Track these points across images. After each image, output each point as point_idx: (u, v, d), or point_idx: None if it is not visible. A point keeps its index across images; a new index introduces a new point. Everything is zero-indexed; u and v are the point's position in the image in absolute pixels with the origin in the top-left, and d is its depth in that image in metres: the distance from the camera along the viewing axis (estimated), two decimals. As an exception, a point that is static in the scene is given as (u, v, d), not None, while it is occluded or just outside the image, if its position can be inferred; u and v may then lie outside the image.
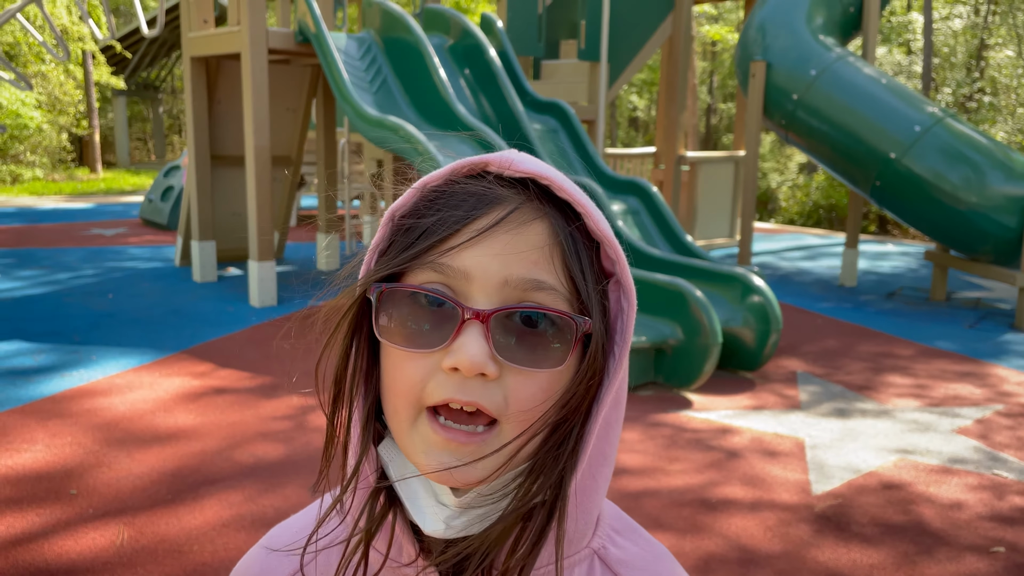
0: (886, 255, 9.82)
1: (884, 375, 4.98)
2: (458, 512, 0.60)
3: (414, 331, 0.57)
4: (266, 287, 6.33)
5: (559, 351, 0.58)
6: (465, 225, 0.58)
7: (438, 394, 0.57)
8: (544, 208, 0.60)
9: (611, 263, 0.62)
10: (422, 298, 0.57)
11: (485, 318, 0.56)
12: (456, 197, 0.59)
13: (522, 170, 0.60)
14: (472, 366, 0.55)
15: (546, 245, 0.58)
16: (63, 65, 17.57)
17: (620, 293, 0.63)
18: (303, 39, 6.18)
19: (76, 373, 4.63)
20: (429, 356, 0.57)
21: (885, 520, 3.11)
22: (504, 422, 0.57)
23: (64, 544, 2.81)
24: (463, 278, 0.57)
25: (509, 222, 0.58)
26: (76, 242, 9.23)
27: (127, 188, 16.42)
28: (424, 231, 0.58)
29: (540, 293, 0.58)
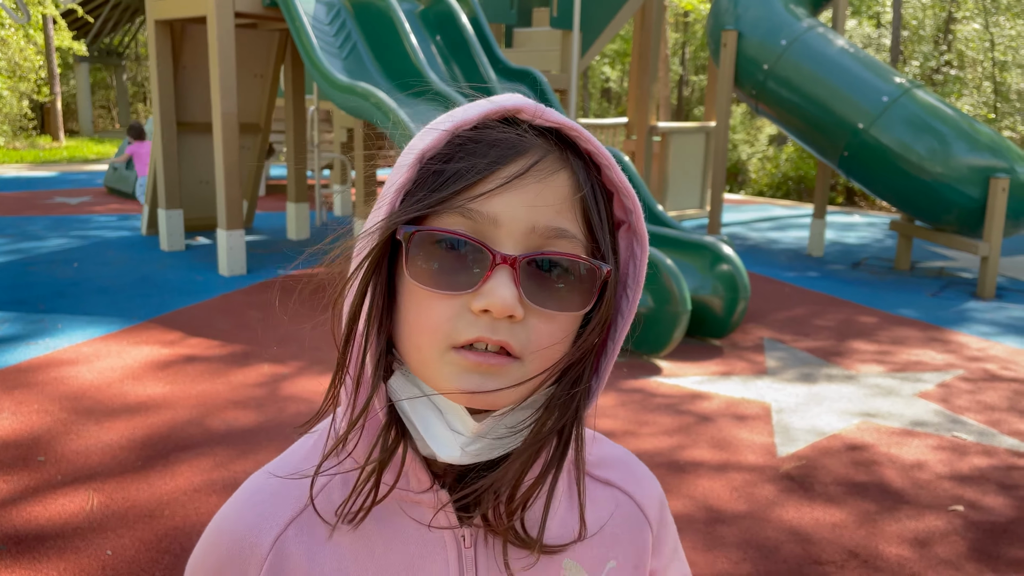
0: (853, 226, 9.96)
1: (849, 342, 5.08)
2: (472, 439, 0.62)
3: (444, 273, 0.59)
4: (235, 256, 6.27)
5: (581, 295, 0.61)
6: (493, 172, 0.59)
7: (468, 333, 0.59)
8: (568, 159, 0.62)
9: (625, 212, 0.66)
10: (452, 242, 0.59)
11: (515, 263, 0.59)
12: (485, 144, 0.61)
13: (552, 120, 0.62)
14: (504, 308, 0.58)
15: (569, 195, 0.61)
16: (23, 30, 17.08)
17: (633, 240, 0.67)
18: (270, 3, 6.07)
19: (42, 342, 4.56)
20: (457, 298, 0.59)
21: (848, 480, 3.20)
22: (526, 359, 0.60)
23: (33, 510, 2.79)
24: (491, 224, 0.59)
25: (536, 171, 0.60)
26: (39, 211, 9.05)
27: (90, 156, 16.09)
28: (453, 175, 0.60)
29: (563, 241, 0.61)
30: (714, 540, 2.72)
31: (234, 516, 0.71)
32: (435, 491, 0.66)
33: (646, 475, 0.80)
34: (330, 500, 0.68)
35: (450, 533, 0.68)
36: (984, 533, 2.83)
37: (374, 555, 0.68)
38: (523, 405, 0.63)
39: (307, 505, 0.68)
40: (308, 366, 4.31)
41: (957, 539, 2.78)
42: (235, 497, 0.73)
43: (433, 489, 0.66)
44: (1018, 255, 8.11)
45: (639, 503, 0.77)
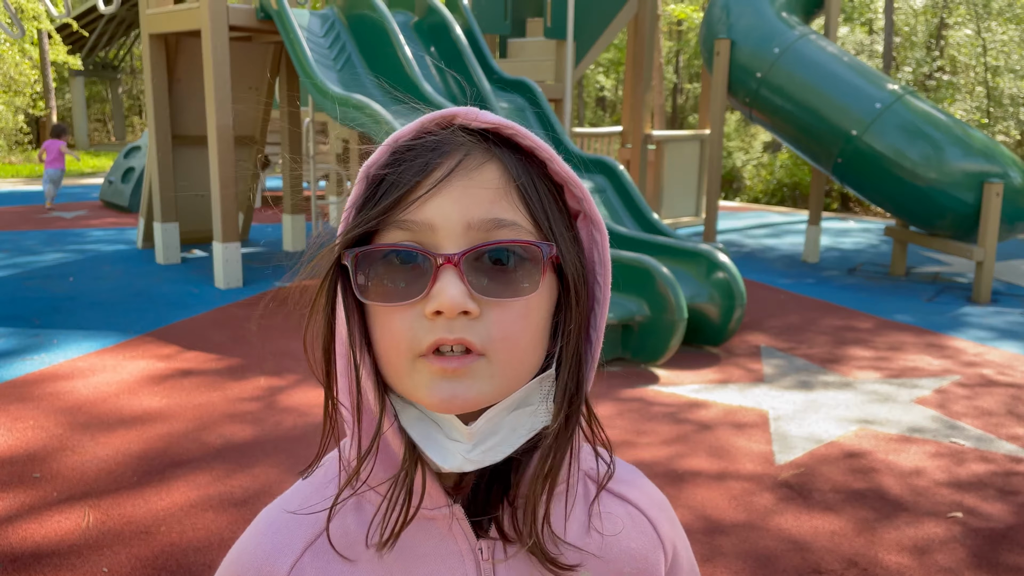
0: (847, 232, 9.98)
1: (845, 348, 5.08)
2: (471, 445, 0.63)
3: (392, 287, 0.61)
4: (231, 269, 6.26)
5: (529, 279, 0.62)
6: (422, 179, 0.61)
7: (427, 338, 0.60)
8: (494, 150, 0.63)
9: (577, 201, 0.67)
10: (394, 255, 0.61)
11: (456, 261, 0.59)
12: (416, 151, 0.62)
13: (487, 121, 0.63)
14: (453, 305, 0.58)
15: (501, 185, 0.62)
16: (18, 44, 17.10)
17: (590, 227, 0.67)
18: (265, 16, 6.08)
19: (37, 357, 4.55)
20: (411, 308, 0.60)
21: (846, 487, 3.19)
22: (489, 353, 0.60)
23: (29, 528, 2.78)
24: (428, 230, 0.60)
25: (462, 168, 0.61)
26: (35, 225, 9.04)
27: (86, 170, 16.09)
28: (389, 187, 0.61)
29: (503, 230, 0.61)
30: (713, 550, 2.71)
31: (252, 546, 0.72)
32: (449, 506, 0.67)
33: (657, 494, 0.81)
34: (344, 527, 0.69)
35: (468, 548, 0.68)
36: (984, 540, 2.82)
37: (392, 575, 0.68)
38: (513, 404, 0.64)
39: (322, 532, 0.69)
40: (305, 379, 4.30)
41: (957, 546, 2.78)
42: (250, 529, 0.74)
43: (447, 504, 0.67)
44: (1013, 259, 8.13)
45: (653, 522, 0.77)
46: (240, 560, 0.72)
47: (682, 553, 0.80)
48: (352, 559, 0.68)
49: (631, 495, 0.77)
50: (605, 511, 0.74)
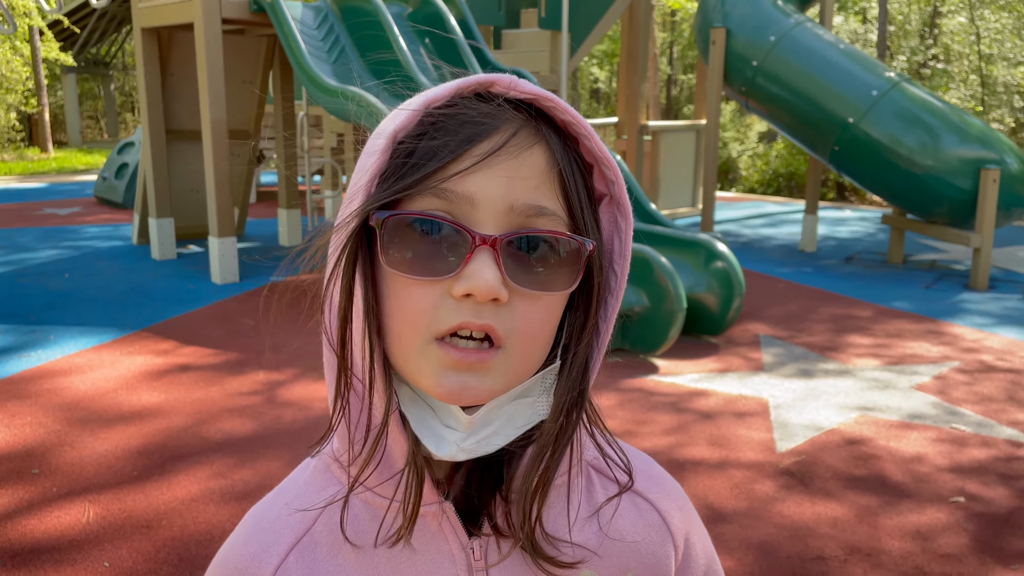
0: (844, 221, 9.98)
1: (844, 336, 5.08)
2: (465, 434, 0.60)
3: (422, 259, 0.57)
4: (227, 263, 6.24)
5: (566, 274, 0.59)
6: (468, 149, 0.57)
7: (451, 319, 0.57)
8: (543, 132, 0.60)
9: (606, 184, 0.64)
10: (428, 224, 0.57)
11: (495, 243, 0.56)
12: (457, 119, 0.58)
13: (527, 91, 0.59)
14: (487, 291, 0.55)
15: (546, 170, 0.59)
16: (9, 41, 16.99)
17: (616, 212, 0.64)
18: (257, 8, 6.04)
19: (34, 354, 4.53)
20: (438, 283, 0.57)
21: (847, 475, 3.19)
22: (508, 344, 0.58)
23: (29, 524, 2.76)
24: (468, 203, 0.57)
25: (511, 146, 0.58)
26: (29, 222, 8.99)
27: (79, 167, 16.01)
28: (426, 156, 0.57)
29: (543, 219, 0.58)
30: (716, 539, 2.71)
31: (238, 548, 0.70)
32: (439, 503, 0.63)
33: (669, 482, 0.76)
34: (332, 521, 0.65)
35: (459, 547, 0.65)
36: (986, 524, 2.82)
37: (379, 575, 0.65)
38: (517, 394, 0.61)
39: (308, 530, 0.66)
40: (303, 373, 4.28)
41: (959, 531, 2.78)
42: (239, 528, 0.72)
43: (437, 501, 0.63)
44: (1010, 246, 8.13)
45: (662, 512, 0.73)
46: (227, 561, 0.70)
47: (696, 545, 0.76)
48: (340, 553, 0.65)
49: (638, 484, 0.72)
50: (609, 503, 0.70)
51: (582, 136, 0.61)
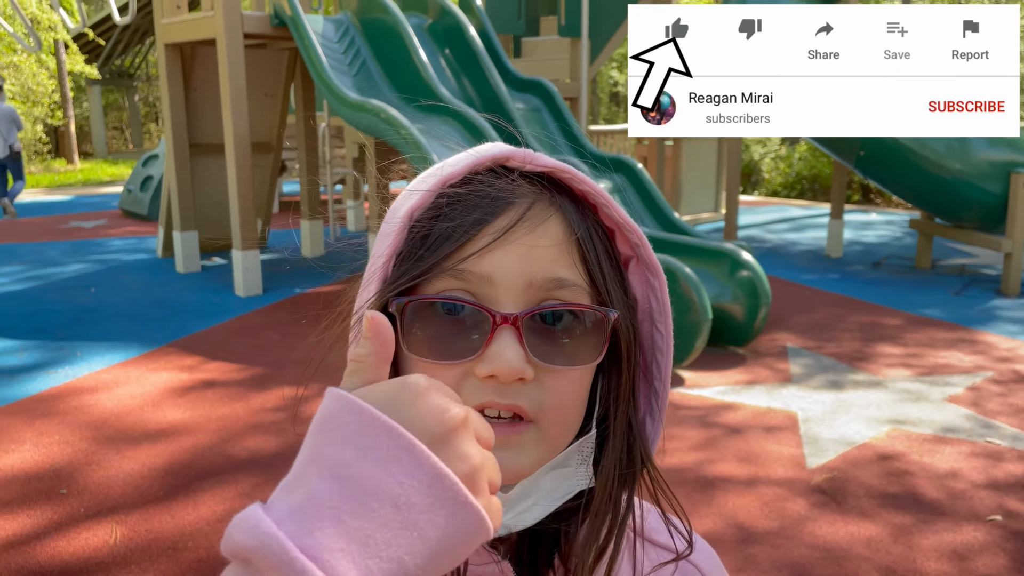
0: (871, 224, 9.85)
1: (874, 345, 5.00)
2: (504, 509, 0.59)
3: (443, 341, 0.56)
4: (251, 276, 6.27)
5: (591, 346, 0.58)
6: (483, 228, 0.57)
7: (474, 400, 0.56)
8: (558, 202, 0.60)
9: (631, 247, 0.63)
10: (448, 307, 0.57)
11: (516, 321, 0.56)
12: (472, 198, 0.58)
13: (543, 164, 0.59)
14: (511, 372, 0.55)
15: (564, 240, 0.59)
16: (35, 55, 17.25)
17: (646, 272, 0.64)
18: (279, 22, 6.07)
19: (61, 370, 4.56)
20: (459, 366, 0.56)
21: (881, 492, 3.13)
22: (539, 420, 0.57)
23: (57, 545, 2.77)
24: (486, 283, 0.56)
25: (527, 220, 0.57)
26: (56, 236, 9.10)
27: (105, 178, 16.20)
28: (441, 237, 0.57)
29: (563, 291, 0.58)
30: (746, 560, 2.66)
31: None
32: (497, 562, 0.63)
33: (709, 549, 0.76)
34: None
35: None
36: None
37: None
38: (553, 465, 0.60)
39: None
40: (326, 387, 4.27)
41: (997, 551, 2.71)
42: None
43: (495, 560, 0.63)
44: (1041, 249, 7.97)
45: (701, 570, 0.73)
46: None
47: None
48: None
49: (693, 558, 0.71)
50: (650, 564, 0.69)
51: (600, 204, 0.61)
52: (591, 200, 0.61)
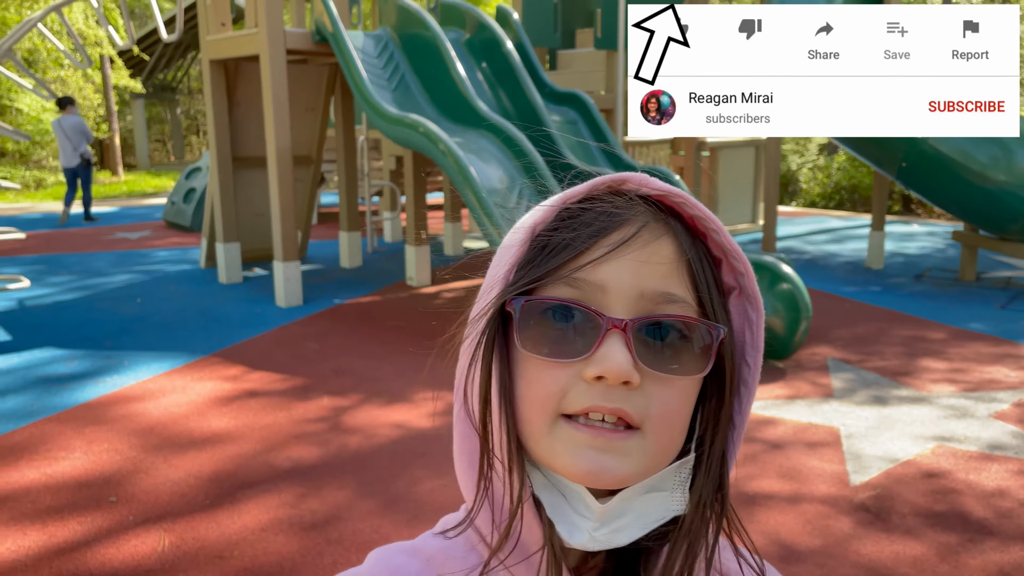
0: (912, 236, 9.70)
1: (918, 360, 4.92)
2: (598, 524, 0.60)
3: (556, 342, 0.59)
4: (291, 287, 6.36)
5: (697, 359, 0.60)
6: (599, 240, 0.60)
7: (580, 402, 0.58)
8: (671, 225, 0.62)
9: (736, 276, 0.65)
10: (562, 310, 0.59)
11: (626, 327, 0.58)
12: (591, 214, 0.61)
13: (658, 188, 0.62)
14: (619, 373, 0.56)
15: (675, 260, 0.61)
16: (81, 70, 17.70)
17: (746, 305, 0.65)
18: (320, 38, 6.18)
19: (110, 379, 4.67)
20: (569, 366, 0.58)
21: (926, 510, 3.08)
22: (645, 429, 0.58)
23: (107, 552, 2.84)
24: (599, 291, 0.59)
25: (640, 237, 0.60)
26: (102, 246, 9.32)
27: (148, 190, 16.55)
28: (559, 246, 0.60)
29: (672, 306, 0.60)
30: (790, 577, 2.64)
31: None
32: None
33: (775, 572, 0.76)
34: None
35: None
36: (1077, 566, 2.69)
37: None
38: (647, 487, 0.61)
39: None
40: (367, 398, 4.33)
41: (1048, 573, 2.65)
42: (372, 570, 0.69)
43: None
44: (1090, 262, 7.79)
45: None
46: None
47: None
48: None
49: None
50: None
51: (711, 231, 0.63)
52: (701, 226, 0.63)
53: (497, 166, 5.45)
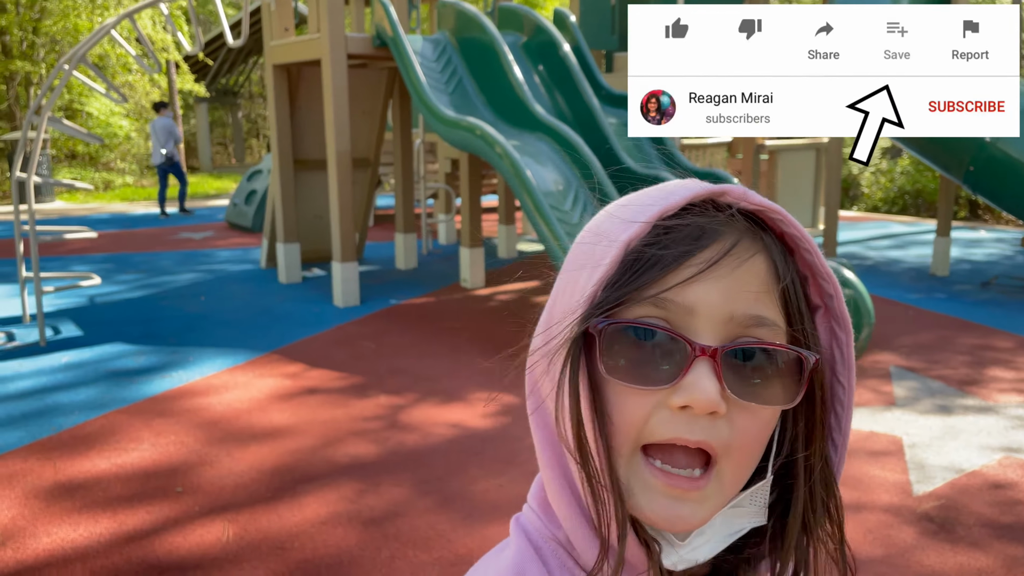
0: (979, 242, 9.41)
1: (984, 369, 4.78)
2: (682, 545, 0.59)
3: (640, 367, 0.56)
4: (349, 287, 6.47)
5: (787, 387, 0.57)
6: (689, 259, 0.56)
7: (664, 432, 0.55)
8: (766, 242, 0.59)
9: (822, 296, 0.62)
10: (647, 333, 0.56)
11: (715, 354, 0.55)
12: (684, 228, 0.58)
13: (755, 203, 0.59)
14: (707, 404, 0.54)
15: (768, 280, 0.58)
16: (148, 75, 18.28)
17: (834, 324, 0.62)
18: (380, 43, 6.28)
19: (175, 374, 4.82)
20: (655, 393, 0.56)
21: (993, 522, 2.99)
22: (724, 461, 0.57)
23: (174, 540, 2.94)
24: (687, 313, 0.56)
25: (733, 256, 0.57)
26: (167, 246, 9.61)
27: (211, 192, 17.00)
28: (649, 264, 0.57)
29: (762, 329, 0.57)
30: (850, 586, 2.59)
31: None
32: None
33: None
34: None
35: None
36: None
37: None
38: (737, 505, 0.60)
39: None
40: (422, 397, 4.38)
41: (1124, 591, 2.56)
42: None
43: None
44: None
45: None
46: None
47: None
48: None
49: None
50: None
51: (803, 250, 0.60)
52: (792, 243, 0.60)
53: (553, 169, 5.47)
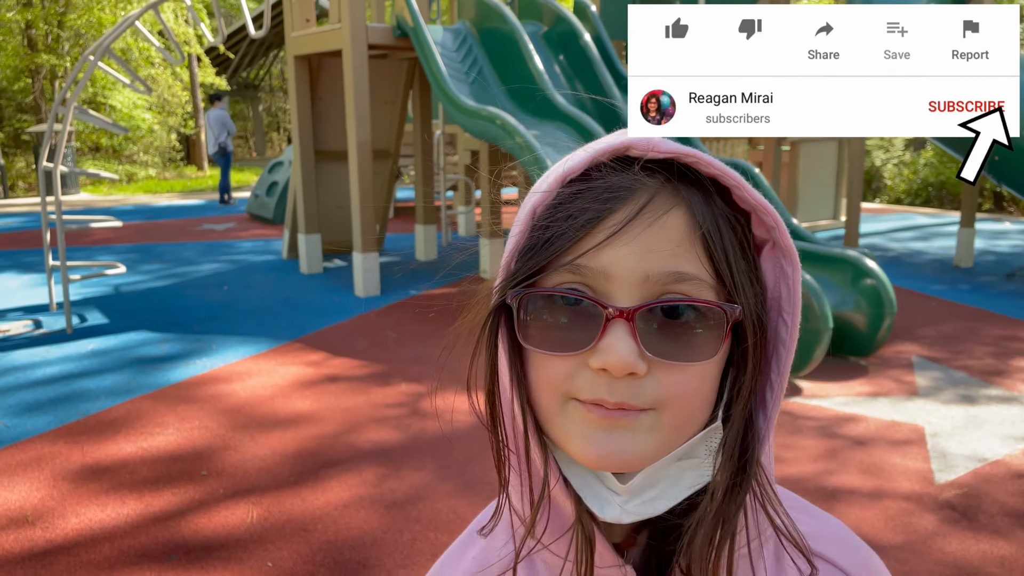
0: (1004, 234, 9.30)
1: (1009, 360, 4.73)
2: (628, 497, 0.58)
3: (556, 333, 0.56)
4: (370, 278, 6.51)
5: (709, 342, 0.56)
6: (600, 222, 0.55)
7: (587, 393, 0.55)
8: (682, 192, 0.57)
9: (767, 230, 0.60)
10: (561, 299, 0.56)
11: (630, 315, 0.54)
12: (590, 193, 0.57)
13: (665, 150, 0.57)
14: (622, 366, 0.54)
15: (686, 234, 0.56)
16: (171, 68, 18.43)
17: (780, 258, 0.60)
18: (401, 33, 6.30)
19: (199, 361, 4.88)
20: (574, 357, 0.56)
21: (1016, 510, 2.97)
22: (660, 409, 0.56)
23: (200, 522, 2.98)
24: (602, 277, 0.55)
25: (646, 213, 0.55)
26: (191, 237, 9.71)
27: (232, 184, 17.11)
28: (560, 232, 0.56)
29: (683, 284, 0.55)
30: (871, 572, 2.59)
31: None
32: (620, 566, 0.61)
33: (870, 556, 0.70)
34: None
35: None
36: None
37: None
38: (680, 455, 0.58)
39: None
40: (443, 385, 4.40)
41: None
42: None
43: (618, 564, 0.61)
44: None
45: None
46: None
47: None
48: None
49: (834, 555, 0.66)
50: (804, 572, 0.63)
51: (733, 187, 0.58)
52: (723, 183, 0.58)
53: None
